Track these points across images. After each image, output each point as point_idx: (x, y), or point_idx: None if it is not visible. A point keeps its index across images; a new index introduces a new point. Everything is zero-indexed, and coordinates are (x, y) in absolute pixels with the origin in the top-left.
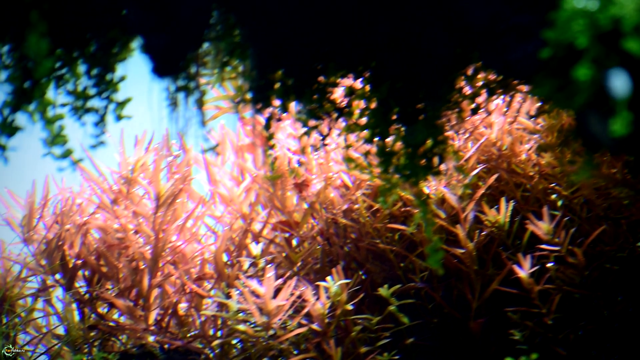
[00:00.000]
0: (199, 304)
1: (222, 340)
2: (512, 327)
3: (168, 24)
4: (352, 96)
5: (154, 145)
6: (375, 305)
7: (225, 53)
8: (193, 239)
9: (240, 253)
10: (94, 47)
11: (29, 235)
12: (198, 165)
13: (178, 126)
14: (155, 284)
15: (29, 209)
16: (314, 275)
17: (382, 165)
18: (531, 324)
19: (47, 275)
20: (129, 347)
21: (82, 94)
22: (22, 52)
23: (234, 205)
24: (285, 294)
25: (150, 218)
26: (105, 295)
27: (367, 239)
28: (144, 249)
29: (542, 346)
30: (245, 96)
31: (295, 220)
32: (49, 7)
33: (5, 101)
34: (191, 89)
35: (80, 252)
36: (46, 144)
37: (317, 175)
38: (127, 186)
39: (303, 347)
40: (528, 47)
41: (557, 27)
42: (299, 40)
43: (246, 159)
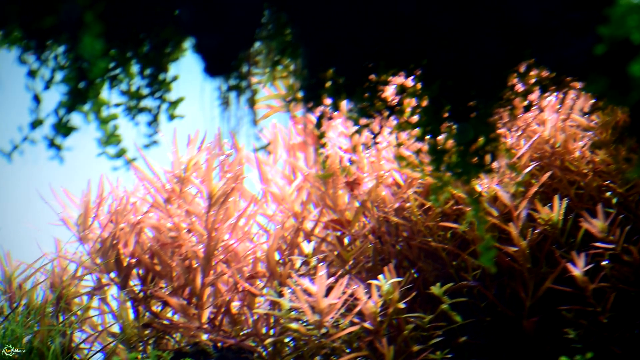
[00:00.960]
0: (251, 302)
1: (275, 338)
2: (567, 325)
3: (220, 24)
4: (403, 94)
5: (206, 144)
6: (428, 304)
7: (277, 52)
8: (245, 238)
9: (292, 251)
10: (147, 47)
11: (85, 234)
12: (250, 164)
13: (230, 125)
14: (208, 283)
15: (84, 208)
16: (365, 274)
17: (434, 163)
18: (586, 323)
19: (102, 274)
20: (183, 346)
21: (135, 94)
22: (77, 53)
23: (286, 203)
24: (337, 293)
25: (203, 217)
26: (159, 294)
27: (419, 237)
28: (196, 248)
29: (597, 345)
30: (297, 95)
31: (346, 219)
32: (103, 8)
33: (60, 102)
34: (243, 88)
35: (135, 251)
36: (100, 143)
37: (368, 174)
38: (180, 185)
39: (355, 345)
40: (582, 44)
41: (612, 23)
42: (350, 39)
43: (298, 157)
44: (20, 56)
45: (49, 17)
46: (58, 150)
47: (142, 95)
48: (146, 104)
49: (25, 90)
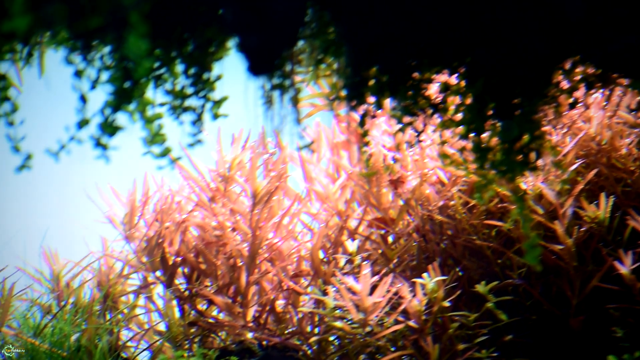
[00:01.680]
0: (296, 300)
1: (320, 337)
2: (614, 324)
3: (263, 23)
4: (447, 92)
5: (250, 143)
6: (473, 302)
7: (320, 51)
8: (289, 236)
9: (336, 250)
10: (192, 47)
11: (131, 233)
12: (294, 163)
13: (273, 124)
14: (252, 281)
15: (130, 207)
16: (410, 272)
17: (478, 161)
18: (634, 321)
19: (148, 272)
20: (228, 344)
21: (180, 93)
22: (123, 53)
23: (330, 202)
24: (381, 291)
25: (247, 215)
26: (204, 292)
27: (463, 235)
28: (241, 246)
29: None
30: (340, 93)
31: (390, 217)
32: (149, 8)
33: (106, 101)
34: (286, 87)
35: (180, 250)
36: (146, 142)
37: (412, 172)
38: (225, 184)
39: (400, 344)
40: (628, 39)
41: None
42: (394, 37)
43: (341, 156)
44: (67, 57)
45: (95, 17)
46: (104, 150)
47: (186, 94)
48: (190, 103)
49: (72, 90)
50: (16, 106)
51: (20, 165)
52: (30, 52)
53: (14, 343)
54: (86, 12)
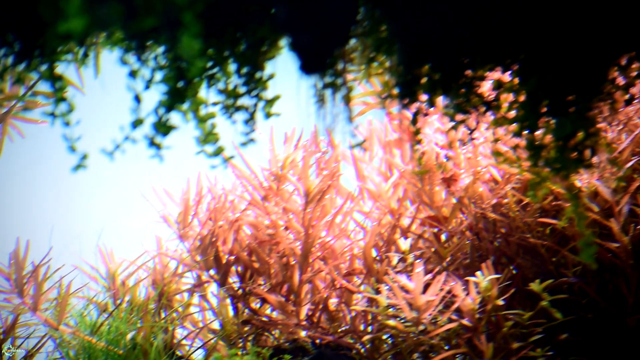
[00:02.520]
0: (349, 299)
1: (373, 335)
2: None
3: (315, 22)
4: (500, 89)
5: (303, 142)
6: (527, 301)
7: (372, 49)
8: (342, 235)
9: (389, 248)
10: (244, 46)
11: (184, 232)
12: (346, 161)
13: (326, 123)
14: (305, 280)
15: (183, 206)
16: (463, 270)
17: (532, 158)
18: None
19: (202, 271)
20: (282, 342)
21: (232, 93)
22: (176, 53)
23: (382, 200)
24: (434, 289)
25: (300, 214)
26: (257, 291)
27: (517, 233)
28: (294, 245)
29: None
30: (392, 91)
31: (443, 215)
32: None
33: (160, 101)
34: (338, 85)
35: (233, 248)
36: (199, 142)
37: (465, 170)
38: (277, 183)
39: (454, 342)
40: None
41: None
42: (446, 35)
43: (394, 154)
44: (122, 57)
45: (149, 18)
46: (158, 149)
47: (239, 93)
48: (243, 102)
49: (126, 90)
50: (72, 106)
51: (76, 165)
52: (86, 52)
53: (72, 341)
54: (140, 12)
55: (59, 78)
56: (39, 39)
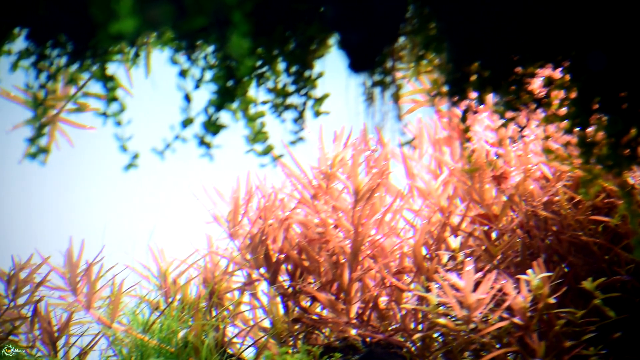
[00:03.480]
0: (399, 297)
1: (423, 333)
2: None
3: (364, 20)
4: (550, 86)
5: (352, 140)
6: (579, 299)
7: (421, 47)
8: (392, 233)
9: (439, 246)
10: (293, 45)
11: (234, 230)
12: (395, 160)
13: (375, 121)
14: (355, 278)
15: (233, 205)
16: (514, 269)
17: (583, 156)
18: None
19: (252, 269)
20: (332, 340)
21: (281, 91)
22: (226, 52)
23: (432, 198)
24: (485, 288)
25: (349, 212)
26: (307, 289)
27: (569, 231)
28: (343, 243)
29: None
30: (442, 89)
31: (494, 213)
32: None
33: (210, 100)
34: (387, 83)
35: (283, 247)
36: (248, 141)
37: (515, 167)
38: (327, 181)
39: (505, 341)
40: None
41: None
42: (496, 32)
43: (443, 152)
44: (172, 56)
45: (199, 17)
46: (208, 148)
47: (288, 92)
48: (292, 101)
49: (176, 89)
50: (124, 106)
51: (127, 165)
52: (137, 52)
53: (124, 339)
54: (190, 12)
55: (110, 78)
56: (91, 40)
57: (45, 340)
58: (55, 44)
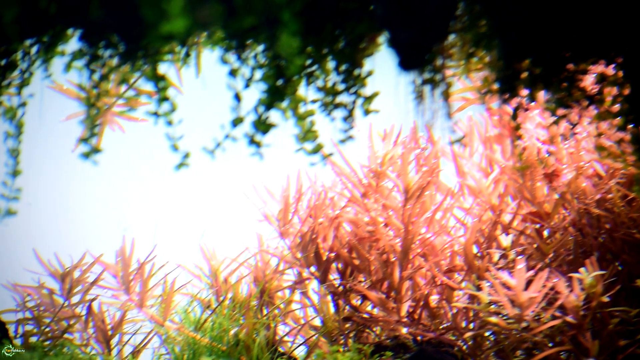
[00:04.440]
0: (449, 296)
1: (475, 332)
2: None
3: (414, 18)
4: (603, 83)
5: (402, 138)
6: (634, 298)
7: (472, 44)
8: (442, 231)
9: (489, 245)
10: (343, 44)
11: (285, 229)
12: (445, 158)
13: (425, 119)
14: (406, 276)
15: (283, 204)
16: (566, 267)
17: (637, 153)
18: None
19: (303, 268)
20: (383, 339)
21: (331, 90)
22: (275, 51)
23: (483, 196)
24: (537, 286)
25: (400, 211)
26: (358, 288)
27: (622, 229)
28: (394, 242)
29: None
30: (492, 87)
31: (545, 211)
32: (300, 6)
33: (260, 99)
34: (437, 81)
35: (333, 245)
36: (298, 139)
37: (567, 165)
38: (377, 180)
39: (558, 339)
40: None
41: None
42: (548, 29)
43: (494, 149)
44: (222, 56)
45: (249, 17)
46: (258, 147)
47: (337, 91)
48: (342, 100)
49: (226, 89)
50: (175, 105)
51: (178, 164)
52: (187, 52)
53: (177, 337)
54: (240, 11)
55: (161, 78)
56: (143, 40)
57: (99, 339)
58: (108, 45)
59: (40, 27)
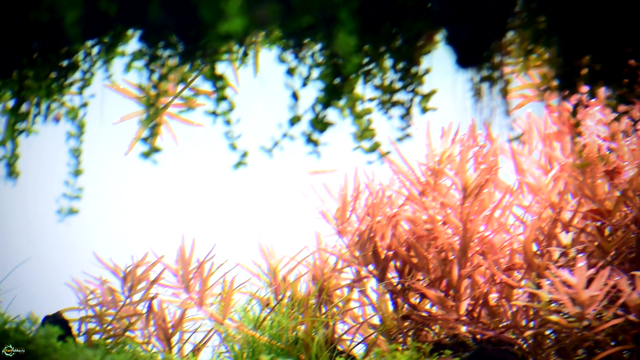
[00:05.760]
0: (509, 294)
1: (535, 330)
2: None
3: (472, 15)
4: None
5: (460, 136)
6: None
7: (530, 41)
8: (501, 229)
9: (549, 243)
10: (400, 42)
11: (343, 228)
12: (504, 155)
13: (483, 116)
14: (464, 275)
15: (341, 202)
16: (628, 265)
17: None
18: None
19: (361, 266)
20: (442, 337)
21: (388, 88)
22: (332, 49)
23: (542, 194)
24: (598, 284)
25: (458, 209)
26: (416, 286)
27: None
28: (452, 240)
29: None
30: (551, 83)
31: (606, 209)
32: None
33: (317, 98)
34: (495, 78)
35: (391, 244)
36: (355, 138)
37: (629, 162)
38: (434, 178)
39: (620, 338)
40: None
41: None
42: (608, 24)
43: (554, 147)
44: (279, 55)
45: (306, 16)
46: (315, 146)
47: (395, 89)
48: (399, 98)
49: (284, 87)
50: (233, 105)
51: (237, 163)
52: (245, 51)
53: (236, 335)
54: (297, 10)
55: (219, 77)
56: (201, 40)
57: (160, 337)
58: (167, 45)
59: (101, 28)
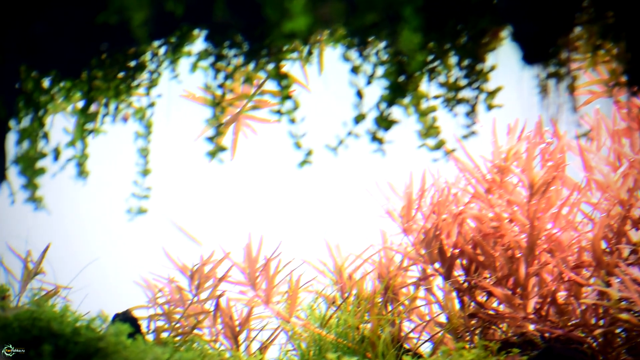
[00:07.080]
0: (578, 292)
1: (605, 329)
2: None
3: (538, 10)
4: None
5: (526, 133)
6: None
7: (598, 36)
8: (569, 227)
9: (619, 240)
10: (465, 38)
11: (408, 226)
12: (571, 152)
13: (549, 113)
14: (532, 273)
15: (406, 200)
16: None
17: None
18: None
19: (427, 265)
20: (510, 335)
21: (453, 85)
22: (397, 47)
23: (611, 191)
24: None
25: (524, 206)
26: (483, 284)
27: None
28: (519, 238)
29: None
30: (620, 79)
31: None
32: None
33: (381, 96)
34: (562, 74)
35: (457, 242)
36: (420, 136)
37: None
38: (500, 175)
39: None
40: None
41: None
42: None
43: (622, 143)
44: (344, 53)
45: (370, 13)
46: (380, 144)
47: (460, 86)
48: (464, 95)
49: (348, 86)
50: (297, 103)
51: (301, 161)
52: (310, 50)
53: (302, 333)
54: (361, 8)
55: (284, 76)
56: (266, 39)
57: (227, 334)
58: (232, 45)
59: (167, 29)
